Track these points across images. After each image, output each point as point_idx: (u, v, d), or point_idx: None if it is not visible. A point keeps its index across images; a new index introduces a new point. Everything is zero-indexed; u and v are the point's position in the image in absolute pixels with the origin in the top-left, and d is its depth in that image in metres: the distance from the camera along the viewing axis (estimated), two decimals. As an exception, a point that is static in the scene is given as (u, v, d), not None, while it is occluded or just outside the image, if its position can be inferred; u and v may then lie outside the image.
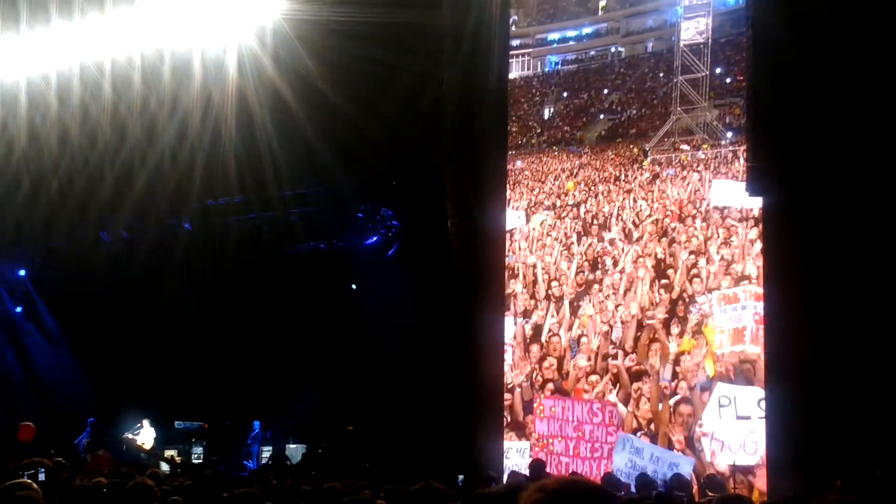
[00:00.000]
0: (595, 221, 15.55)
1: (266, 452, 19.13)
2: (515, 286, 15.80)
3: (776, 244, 12.89)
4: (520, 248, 16.08)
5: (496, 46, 15.66)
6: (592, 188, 16.00)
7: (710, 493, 10.39)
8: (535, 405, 15.06)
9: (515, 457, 14.96)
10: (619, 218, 15.32)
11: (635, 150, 15.91)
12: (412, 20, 14.79)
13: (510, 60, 17.01)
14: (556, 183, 16.34)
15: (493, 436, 15.05)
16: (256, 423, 19.06)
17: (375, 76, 15.09)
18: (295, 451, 18.40)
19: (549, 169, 16.67)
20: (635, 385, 14.19)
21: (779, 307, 12.64)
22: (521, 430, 15.13)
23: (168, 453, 18.48)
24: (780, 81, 12.51)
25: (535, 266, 15.75)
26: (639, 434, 13.92)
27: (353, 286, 18.56)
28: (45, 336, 21.45)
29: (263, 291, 18.29)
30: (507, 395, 15.33)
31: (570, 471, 14.19)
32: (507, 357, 15.52)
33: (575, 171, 16.36)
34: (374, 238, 18.05)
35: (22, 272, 22.00)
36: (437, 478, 10.03)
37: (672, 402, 13.78)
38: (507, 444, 15.15)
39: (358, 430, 17.24)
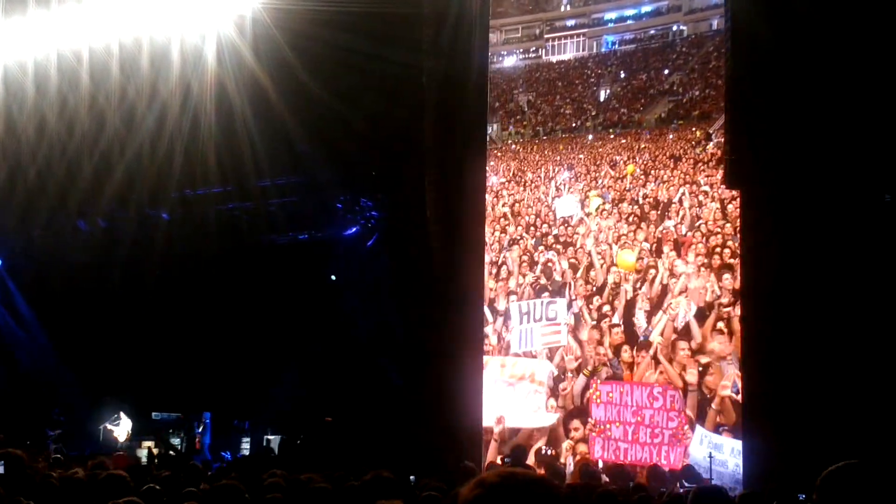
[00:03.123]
0: (654, 207, 15.04)
1: (245, 444, 19.11)
2: (569, 272, 15.35)
3: (754, 237, 12.95)
4: (575, 233, 15.66)
5: (477, 36, 15.61)
6: (652, 172, 15.45)
7: (686, 485, 10.44)
8: (590, 390, 14.72)
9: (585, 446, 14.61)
10: (680, 204, 14.82)
11: (698, 132, 15.35)
12: (393, 10, 14.73)
13: (566, 42, 16.67)
14: (613, 168, 15.82)
15: (473, 426, 15.05)
16: (206, 415, 18.93)
17: (355, 66, 15.02)
18: (274, 442, 18.37)
19: (605, 153, 16.18)
20: (704, 379, 13.71)
21: (755, 298, 12.71)
22: (584, 418, 14.70)
23: (146, 444, 18.40)
24: (759, 74, 12.56)
25: (590, 252, 15.37)
26: (720, 431, 13.43)
27: (333, 277, 18.51)
28: (21, 326, 21.25)
29: (242, 282, 18.21)
30: (562, 384, 15.00)
31: (629, 457, 13.88)
32: (563, 340, 15.16)
33: (633, 155, 15.85)
34: (354, 229, 17.99)
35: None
36: (421, 469, 10.06)
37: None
38: (572, 431, 14.78)
39: (336, 421, 17.20)
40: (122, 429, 18.68)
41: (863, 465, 2.95)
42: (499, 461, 14.07)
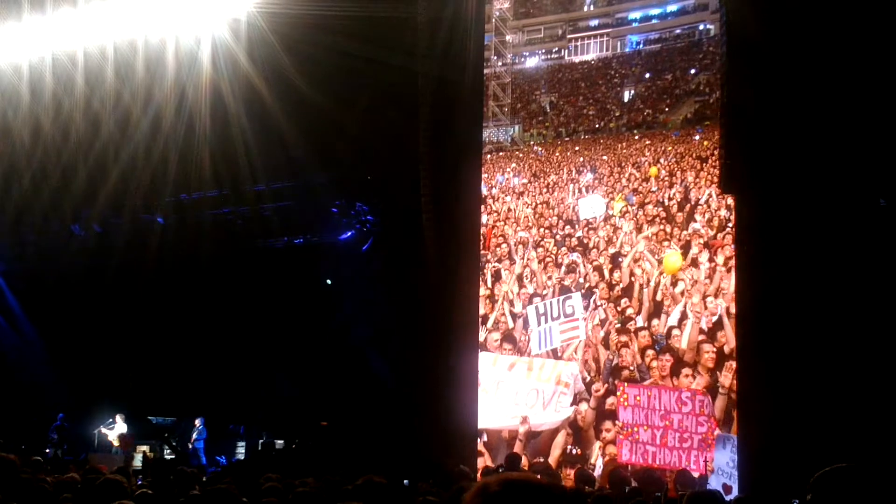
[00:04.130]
0: (680, 209, 14.75)
1: (240, 448, 19.10)
2: (593, 274, 15.10)
3: (749, 241, 12.95)
4: (598, 236, 15.40)
5: (472, 40, 15.61)
6: (678, 174, 15.18)
7: (680, 490, 10.42)
8: (617, 393, 14.66)
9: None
10: (707, 206, 14.58)
11: None
12: (388, 14, 14.72)
13: (589, 42, 16.58)
14: (638, 169, 15.52)
15: (468, 429, 15.04)
16: (200, 420, 18.91)
17: (351, 70, 15.01)
18: (268, 446, 18.36)
19: (630, 154, 15.93)
20: (733, 382, 13.54)
21: (750, 301, 12.72)
22: (615, 419, 14.63)
23: (141, 448, 18.37)
24: (755, 79, 12.55)
25: (613, 255, 15.13)
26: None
27: (328, 281, 18.49)
28: (16, 330, 21.21)
29: (238, 286, 18.17)
30: (594, 385, 14.86)
31: (657, 461, 13.78)
32: (581, 335, 14.94)
33: (658, 156, 15.58)
34: (349, 233, 17.97)
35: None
36: (417, 473, 10.03)
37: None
38: (603, 432, 14.79)
39: (332, 425, 17.18)
40: (116, 432, 18.63)
41: (855, 467, 2.96)
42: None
